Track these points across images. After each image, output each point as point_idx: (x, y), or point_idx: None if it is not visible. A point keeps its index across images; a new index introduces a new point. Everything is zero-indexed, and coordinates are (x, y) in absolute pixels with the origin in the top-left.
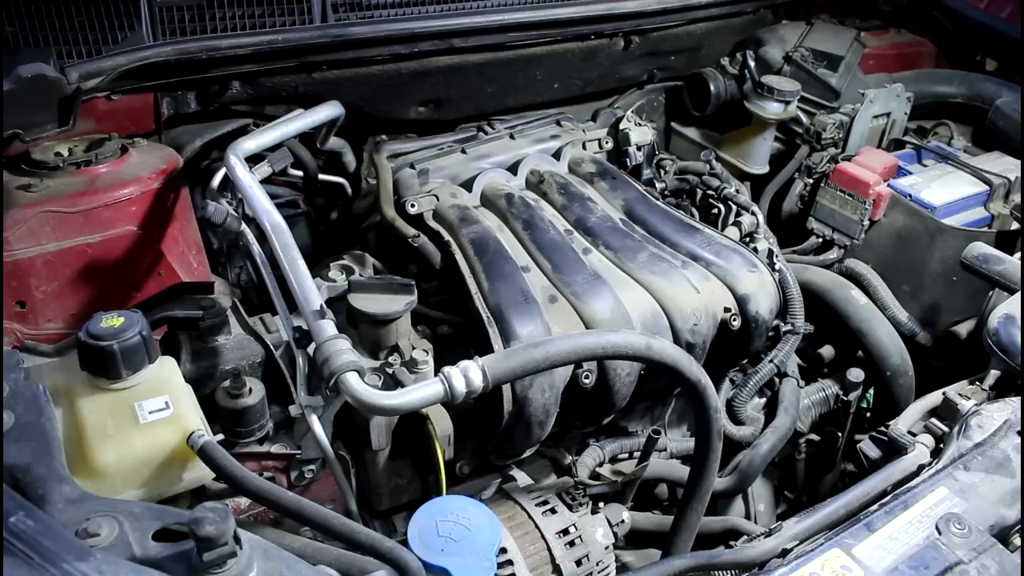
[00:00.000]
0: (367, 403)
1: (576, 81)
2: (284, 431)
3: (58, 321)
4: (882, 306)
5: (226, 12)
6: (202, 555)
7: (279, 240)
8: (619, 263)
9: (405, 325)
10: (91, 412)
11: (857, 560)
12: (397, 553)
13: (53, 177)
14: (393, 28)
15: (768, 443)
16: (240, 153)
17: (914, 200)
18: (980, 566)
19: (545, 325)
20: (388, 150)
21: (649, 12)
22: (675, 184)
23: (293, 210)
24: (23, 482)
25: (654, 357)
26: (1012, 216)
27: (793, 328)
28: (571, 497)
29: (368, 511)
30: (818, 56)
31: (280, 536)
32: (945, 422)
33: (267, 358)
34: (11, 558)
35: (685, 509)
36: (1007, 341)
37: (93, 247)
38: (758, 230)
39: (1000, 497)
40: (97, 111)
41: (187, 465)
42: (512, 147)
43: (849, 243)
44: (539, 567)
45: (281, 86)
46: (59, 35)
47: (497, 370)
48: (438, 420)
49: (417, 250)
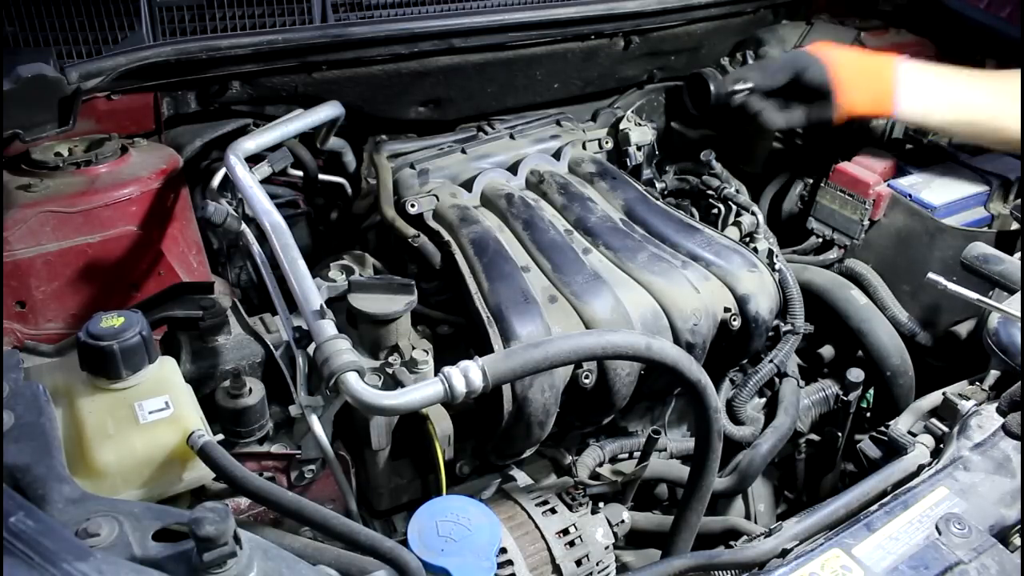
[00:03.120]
0: (367, 403)
1: (576, 81)
2: (284, 431)
3: (58, 321)
4: (882, 306)
5: (226, 12)
6: (202, 555)
7: (279, 240)
8: (619, 263)
9: (405, 325)
10: (91, 412)
11: (857, 560)
12: (397, 553)
13: (53, 177)
14: (393, 28)
15: (768, 443)
16: (240, 153)
17: (914, 200)
18: (980, 566)
19: (545, 325)
20: (388, 150)
21: (649, 12)
22: (675, 184)
23: (293, 210)
24: (23, 482)
25: (654, 357)
26: (1012, 216)
27: (793, 328)
28: (571, 497)
29: (368, 511)
30: None
31: (280, 536)
32: (945, 422)
33: (267, 358)
34: (11, 558)
35: (685, 509)
36: (1007, 341)
37: (93, 247)
38: (758, 230)
39: (1000, 497)
40: (97, 111)
41: (187, 465)
42: (512, 147)
43: (849, 243)
44: (539, 567)
45: (281, 86)
46: (59, 35)
47: (497, 370)
48: (438, 420)
49: (417, 250)
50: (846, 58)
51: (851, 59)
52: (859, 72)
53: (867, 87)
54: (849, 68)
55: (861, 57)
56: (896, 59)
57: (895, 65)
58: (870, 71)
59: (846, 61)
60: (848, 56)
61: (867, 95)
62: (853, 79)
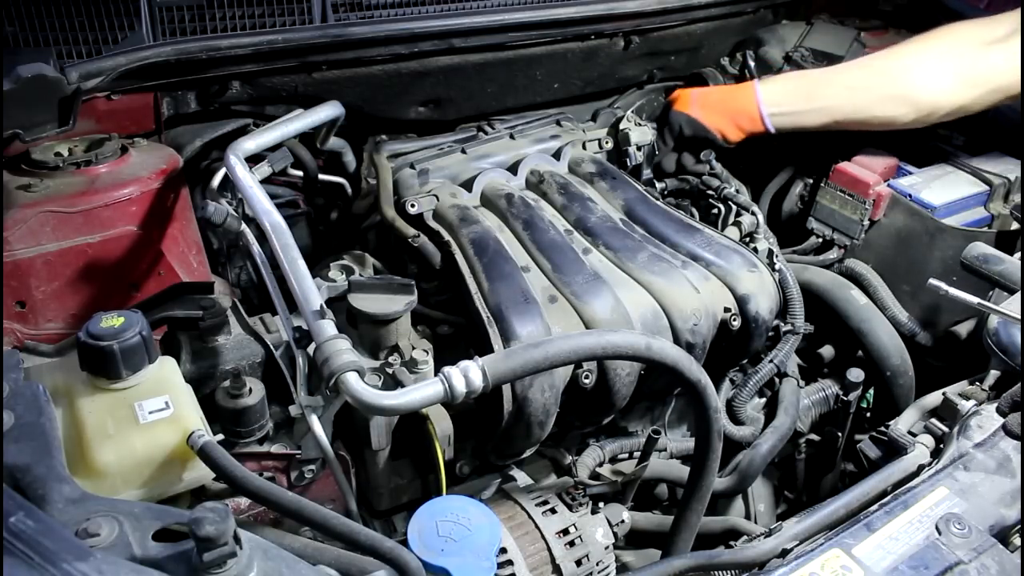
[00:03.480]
0: (367, 403)
1: (576, 81)
2: (284, 431)
3: (58, 321)
4: (882, 306)
5: (226, 12)
6: (202, 555)
7: (279, 240)
8: (619, 263)
9: (405, 325)
10: (91, 412)
11: (857, 560)
12: (397, 553)
13: (53, 177)
14: (393, 28)
15: (768, 443)
16: (240, 153)
17: (914, 200)
18: (980, 566)
19: (545, 325)
20: (388, 150)
21: (649, 12)
22: (675, 184)
23: (293, 210)
24: (23, 482)
25: (654, 357)
26: (1012, 216)
27: (793, 328)
28: (571, 497)
29: (368, 511)
30: (818, 56)
31: (280, 536)
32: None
33: (267, 358)
34: (11, 558)
35: (685, 509)
36: (1007, 341)
37: (93, 247)
38: (758, 230)
39: (1000, 497)
40: (97, 111)
41: (187, 465)
42: (512, 147)
43: (849, 243)
44: (539, 567)
45: (281, 86)
46: (59, 35)
47: (497, 370)
48: (438, 420)
49: (417, 250)
50: (704, 99)
51: (710, 98)
52: (720, 107)
53: (733, 116)
54: (710, 107)
55: (719, 91)
56: (754, 84)
57: (753, 87)
58: (730, 101)
59: (704, 101)
60: (706, 96)
61: (736, 122)
62: (717, 115)
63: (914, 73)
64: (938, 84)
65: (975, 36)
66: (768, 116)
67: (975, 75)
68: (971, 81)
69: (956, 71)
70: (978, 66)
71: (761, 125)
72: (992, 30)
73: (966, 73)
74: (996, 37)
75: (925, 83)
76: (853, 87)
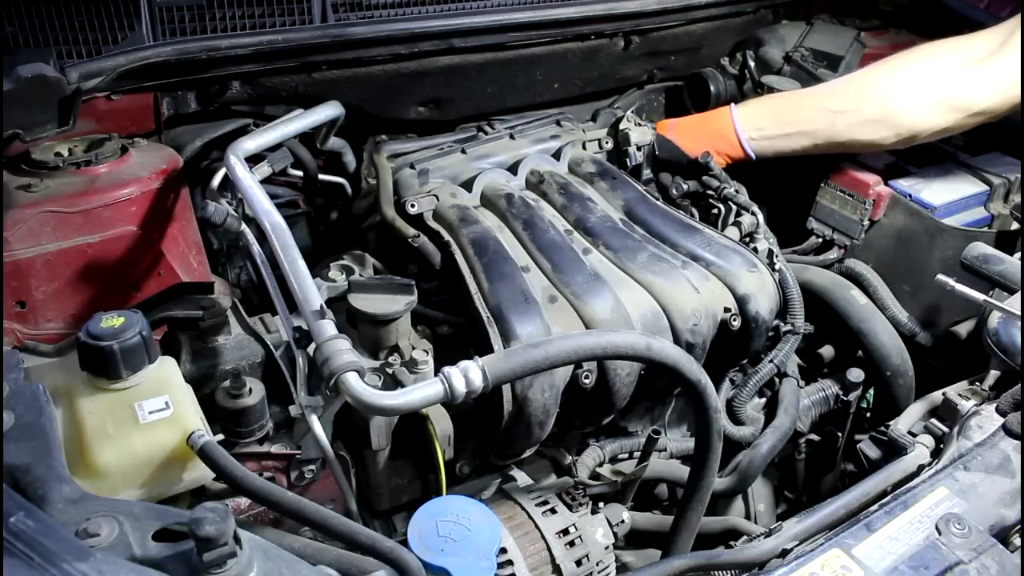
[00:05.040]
0: (367, 403)
1: (576, 81)
2: (284, 431)
3: (58, 321)
4: (882, 306)
5: (226, 12)
6: (202, 555)
7: (279, 240)
8: (619, 263)
9: (405, 325)
10: (91, 412)
11: (857, 560)
12: (397, 553)
13: (53, 177)
14: (393, 28)
15: (768, 443)
16: (240, 153)
17: (914, 200)
18: (980, 566)
19: (545, 325)
20: (388, 150)
21: (649, 12)
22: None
23: (293, 210)
24: (23, 482)
25: (654, 357)
26: (1012, 216)
27: (793, 328)
28: (571, 497)
29: (368, 511)
30: (818, 56)
31: (280, 536)
32: (945, 422)
33: (267, 358)
34: (11, 558)
35: (685, 509)
36: (1007, 341)
37: (93, 247)
38: (758, 230)
39: (1000, 497)
40: (97, 111)
41: (187, 465)
42: (512, 147)
43: (849, 243)
44: (539, 567)
45: (281, 86)
46: (59, 35)
47: (497, 370)
48: (438, 420)
49: (417, 250)
50: (681, 125)
51: (686, 124)
52: (698, 131)
53: (711, 141)
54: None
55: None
56: (728, 108)
57: (728, 110)
58: (707, 124)
59: (682, 127)
60: (683, 122)
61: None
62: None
63: (894, 97)
64: (918, 108)
65: (954, 57)
66: (747, 141)
67: (955, 100)
68: (951, 106)
69: (935, 96)
70: (958, 91)
71: (740, 150)
72: (972, 50)
73: (945, 98)
74: (976, 57)
75: (904, 107)
76: (832, 110)
